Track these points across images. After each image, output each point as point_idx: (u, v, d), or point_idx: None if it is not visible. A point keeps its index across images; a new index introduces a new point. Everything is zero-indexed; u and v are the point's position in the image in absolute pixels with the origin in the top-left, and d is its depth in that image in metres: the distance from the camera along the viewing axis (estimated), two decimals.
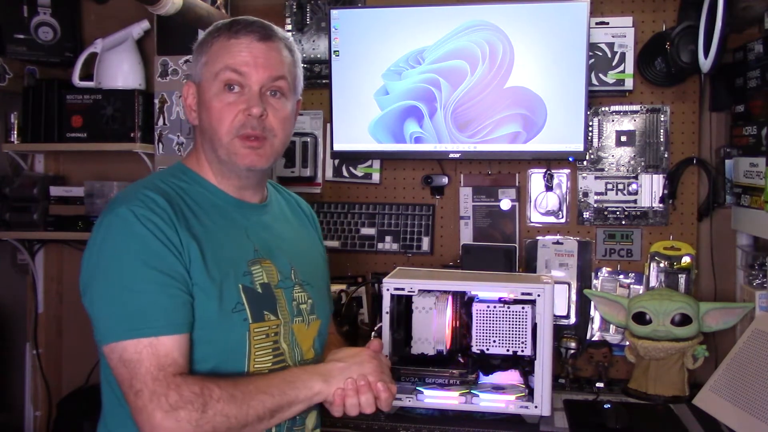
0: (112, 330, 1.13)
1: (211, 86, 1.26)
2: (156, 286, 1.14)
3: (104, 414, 1.29)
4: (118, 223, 1.16)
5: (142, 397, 1.09)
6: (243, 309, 1.22)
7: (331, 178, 2.49)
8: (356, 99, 2.27)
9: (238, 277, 1.23)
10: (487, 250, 2.28)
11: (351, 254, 2.45)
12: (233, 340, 1.21)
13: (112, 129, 2.43)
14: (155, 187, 1.23)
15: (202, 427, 1.09)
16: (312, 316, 1.37)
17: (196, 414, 1.08)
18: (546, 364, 1.80)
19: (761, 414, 1.72)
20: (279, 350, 1.28)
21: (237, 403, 1.12)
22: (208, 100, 1.26)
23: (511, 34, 2.17)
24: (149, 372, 1.10)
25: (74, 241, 2.62)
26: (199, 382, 1.12)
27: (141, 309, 1.13)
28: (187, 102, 1.33)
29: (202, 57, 1.29)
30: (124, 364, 1.12)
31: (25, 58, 2.50)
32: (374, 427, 1.84)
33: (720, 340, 2.13)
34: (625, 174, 2.30)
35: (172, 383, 1.10)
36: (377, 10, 2.29)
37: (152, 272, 1.14)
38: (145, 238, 1.15)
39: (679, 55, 2.06)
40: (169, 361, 1.11)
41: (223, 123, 1.25)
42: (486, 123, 2.21)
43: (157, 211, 1.18)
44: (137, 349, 1.11)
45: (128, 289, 1.13)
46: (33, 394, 2.64)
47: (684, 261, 2.22)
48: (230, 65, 1.25)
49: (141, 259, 1.14)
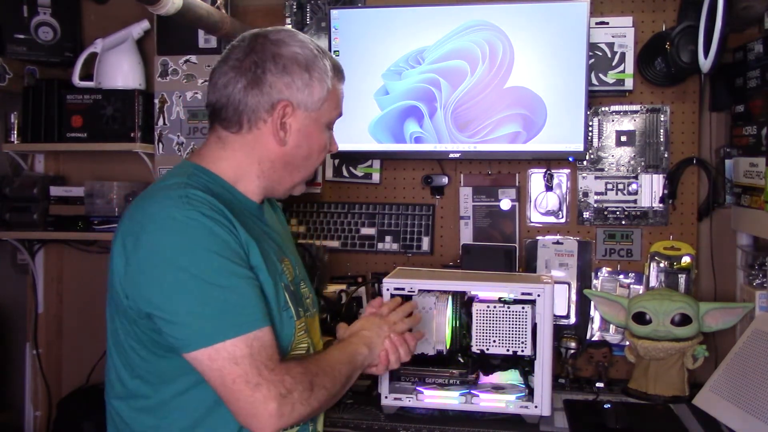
0: (214, 331, 1.10)
1: (322, 124, 1.34)
2: (242, 280, 1.15)
3: (119, 424, 1.24)
4: (194, 225, 1.13)
5: (261, 390, 1.10)
6: (289, 307, 1.25)
7: (331, 178, 2.49)
8: (356, 99, 2.27)
9: (278, 275, 1.26)
10: (487, 250, 2.28)
11: (351, 254, 2.45)
12: (285, 337, 1.24)
13: (112, 129, 2.43)
14: (200, 187, 1.20)
15: (311, 405, 1.16)
16: (314, 310, 1.41)
17: (307, 393, 1.15)
18: (546, 364, 1.80)
19: (761, 414, 1.72)
20: (309, 344, 1.32)
21: (329, 375, 1.22)
22: (316, 135, 1.33)
23: (511, 34, 2.17)
24: (264, 364, 1.11)
25: (74, 241, 2.62)
26: (299, 364, 1.18)
27: (238, 304, 1.13)
28: (285, 121, 1.27)
29: (324, 91, 1.32)
30: (236, 362, 1.10)
31: (25, 58, 2.50)
32: (374, 427, 1.84)
33: (720, 340, 2.13)
34: (625, 174, 2.30)
35: (283, 369, 1.14)
36: (377, 10, 2.29)
37: (234, 266, 1.14)
38: (223, 237, 1.14)
39: (679, 55, 2.06)
40: (274, 350, 1.15)
41: (315, 162, 1.36)
42: (486, 123, 2.21)
43: (218, 210, 1.17)
44: (247, 343, 1.11)
45: (220, 287, 1.11)
46: (33, 394, 2.64)
47: (684, 261, 2.22)
48: (341, 113, 1.40)
49: (225, 256, 1.13)
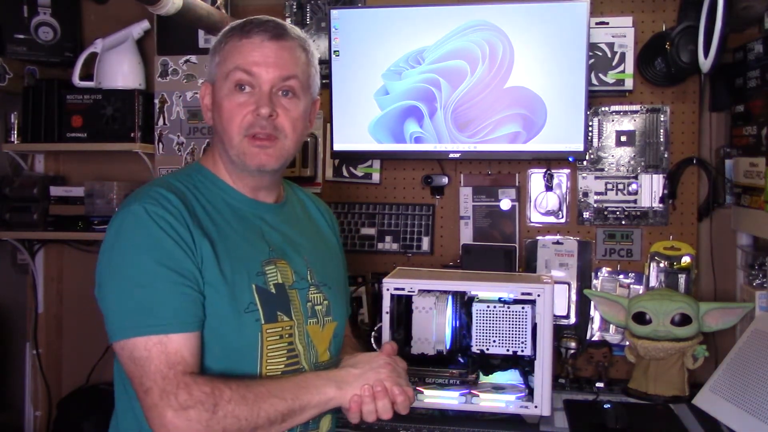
0: (122, 327, 1.13)
1: (223, 86, 1.26)
2: (167, 284, 1.14)
3: (116, 412, 1.29)
4: (132, 220, 1.16)
5: (152, 395, 1.09)
6: (256, 309, 1.22)
7: (331, 178, 2.49)
8: (356, 99, 2.27)
9: (251, 277, 1.23)
10: (487, 250, 2.28)
11: (351, 254, 2.44)
12: (245, 340, 1.21)
13: (112, 129, 2.43)
14: (169, 185, 1.23)
15: (212, 428, 1.09)
16: (327, 318, 1.36)
17: (207, 414, 1.08)
18: (546, 364, 1.80)
19: (761, 414, 1.71)
20: (294, 351, 1.27)
21: (248, 405, 1.12)
22: (220, 100, 1.27)
23: (511, 34, 2.17)
24: (159, 370, 1.10)
25: (74, 241, 2.62)
26: (210, 383, 1.11)
27: (151, 306, 1.12)
28: (203, 102, 1.33)
29: (216, 57, 1.29)
30: (133, 361, 1.11)
31: (25, 58, 2.49)
32: (374, 427, 1.83)
33: (720, 340, 2.13)
34: (625, 174, 2.30)
35: (182, 382, 1.09)
36: (377, 10, 2.29)
37: (163, 270, 1.14)
38: (158, 236, 1.15)
39: (679, 55, 2.06)
40: (178, 359, 1.11)
41: (233, 123, 1.25)
42: (486, 123, 2.21)
43: (169, 209, 1.18)
44: (147, 346, 1.11)
45: (139, 285, 1.13)
46: (33, 394, 2.64)
47: (684, 261, 2.22)
48: (241, 65, 1.25)
49: (153, 256, 1.14)
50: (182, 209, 1.19)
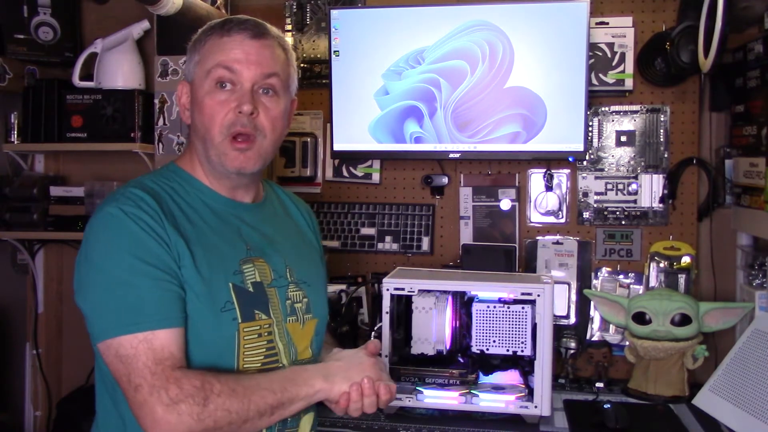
0: (106, 326, 1.13)
1: (204, 84, 1.26)
2: (149, 281, 1.13)
3: (97, 419, 1.29)
4: (108, 221, 1.16)
5: (141, 392, 1.09)
6: (233, 308, 1.21)
7: (331, 178, 2.49)
8: (356, 99, 2.27)
9: (228, 276, 1.23)
10: (487, 250, 2.28)
11: (351, 254, 2.45)
12: (222, 339, 1.21)
13: (112, 129, 2.42)
14: (143, 186, 1.23)
15: (203, 421, 1.08)
16: (308, 315, 1.36)
17: (198, 408, 1.08)
18: (546, 364, 1.80)
19: (761, 414, 1.72)
20: (273, 350, 1.27)
21: (238, 398, 1.12)
22: (201, 99, 1.26)
23: (511, 34, 2.17)
24: (147, 366, 1.09)
25: (74, 241, 2.61)
26: (200, 376, 1.12)
27: (135, 304, 1.12)
28: (180, 101, 1.32)
29: (195, 55, 1.28)
30: (120, 360, 1.11)
31: (25, 58, 2.49)
32: (374, 427, 1.83)
33: (720, 340, 2.13)
34: (625, 174, 2.30)
35: (172, 377, 1.09)
36: (377, 10, 2.29)
37: (145, 266, 1.13)
38: (136, 234, 1.15)
39: (679, 55, 2.06)
40: (166, 354, 1.11)
41: (214, 121, 1.24)
42: (486, 123, 2.21)
43: (144, 208, 1.17)
44: (133, 344, 1.10)
45: (121, 284, 1.13)
46: (33, 394, 2.64)
47: (684, 261, 2.22)
48: (222, 62, 1.24)
49: (133, 254, 1.14)
50: (157, 209, 1.19)
